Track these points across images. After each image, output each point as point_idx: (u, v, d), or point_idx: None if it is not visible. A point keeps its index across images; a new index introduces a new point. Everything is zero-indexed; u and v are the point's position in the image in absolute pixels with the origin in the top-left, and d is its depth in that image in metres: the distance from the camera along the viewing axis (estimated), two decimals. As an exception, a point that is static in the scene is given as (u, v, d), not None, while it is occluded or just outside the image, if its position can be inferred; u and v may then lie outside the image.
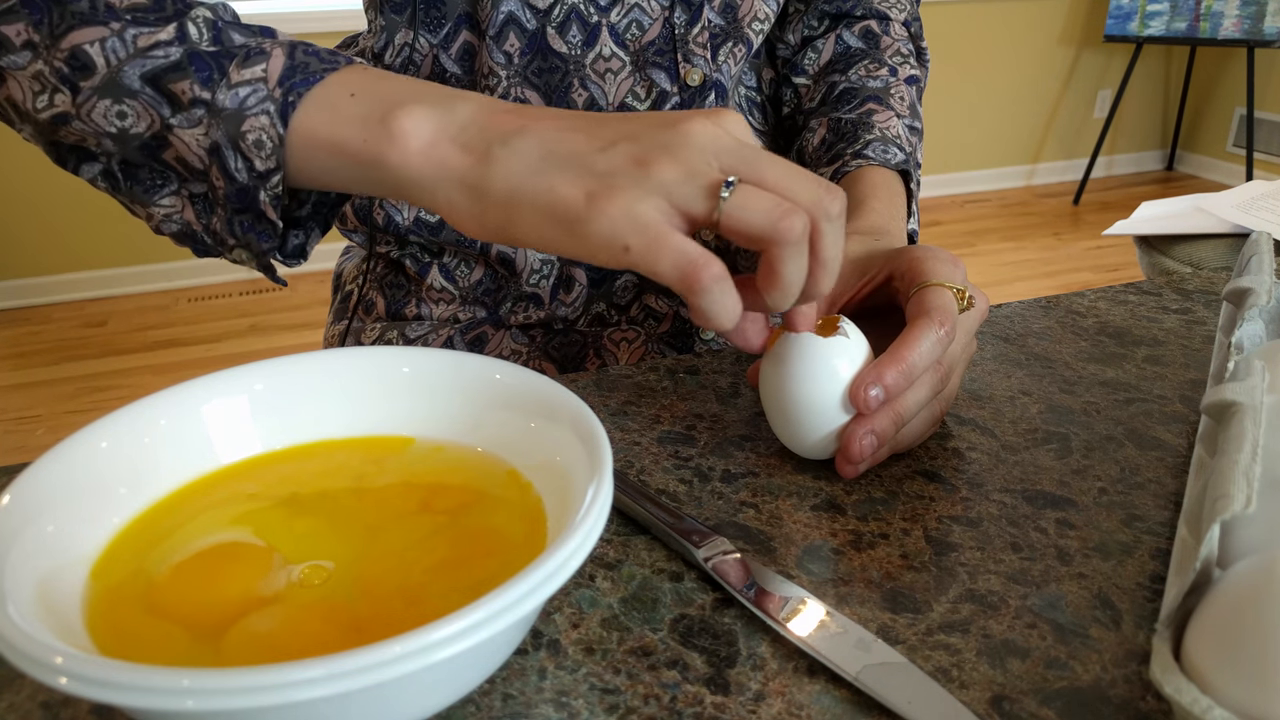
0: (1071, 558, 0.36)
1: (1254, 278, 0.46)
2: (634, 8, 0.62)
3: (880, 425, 0.40)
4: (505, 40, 0.61)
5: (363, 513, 0.34)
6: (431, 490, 0.35)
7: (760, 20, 0.66)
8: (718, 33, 0.64)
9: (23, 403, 2.30)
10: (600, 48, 0.62)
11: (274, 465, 0.37)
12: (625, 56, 0.62)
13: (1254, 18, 3.17)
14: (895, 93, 0.66)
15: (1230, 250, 0.70)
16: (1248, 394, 0.35)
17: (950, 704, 0.29)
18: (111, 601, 0.30)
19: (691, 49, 0.63)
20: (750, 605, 0.33)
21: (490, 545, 0.32)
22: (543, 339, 0.69)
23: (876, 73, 0.67)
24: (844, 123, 0.65)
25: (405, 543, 0.32)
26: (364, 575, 0.31)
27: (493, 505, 0.34)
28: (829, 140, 0.66)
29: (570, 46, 0.62)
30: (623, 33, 0.62)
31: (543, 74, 0.63)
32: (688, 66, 0.63)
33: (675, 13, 0.62)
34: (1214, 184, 3.85)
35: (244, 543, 0.33)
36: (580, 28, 0.61)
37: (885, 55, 0.69)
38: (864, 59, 0.69)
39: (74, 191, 2.84)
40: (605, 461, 0.30)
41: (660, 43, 0.63)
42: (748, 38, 0.65)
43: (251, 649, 0.28)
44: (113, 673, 0.22)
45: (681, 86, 0.63)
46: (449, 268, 0.69)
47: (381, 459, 0.37)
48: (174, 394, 0.36)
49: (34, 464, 0.31)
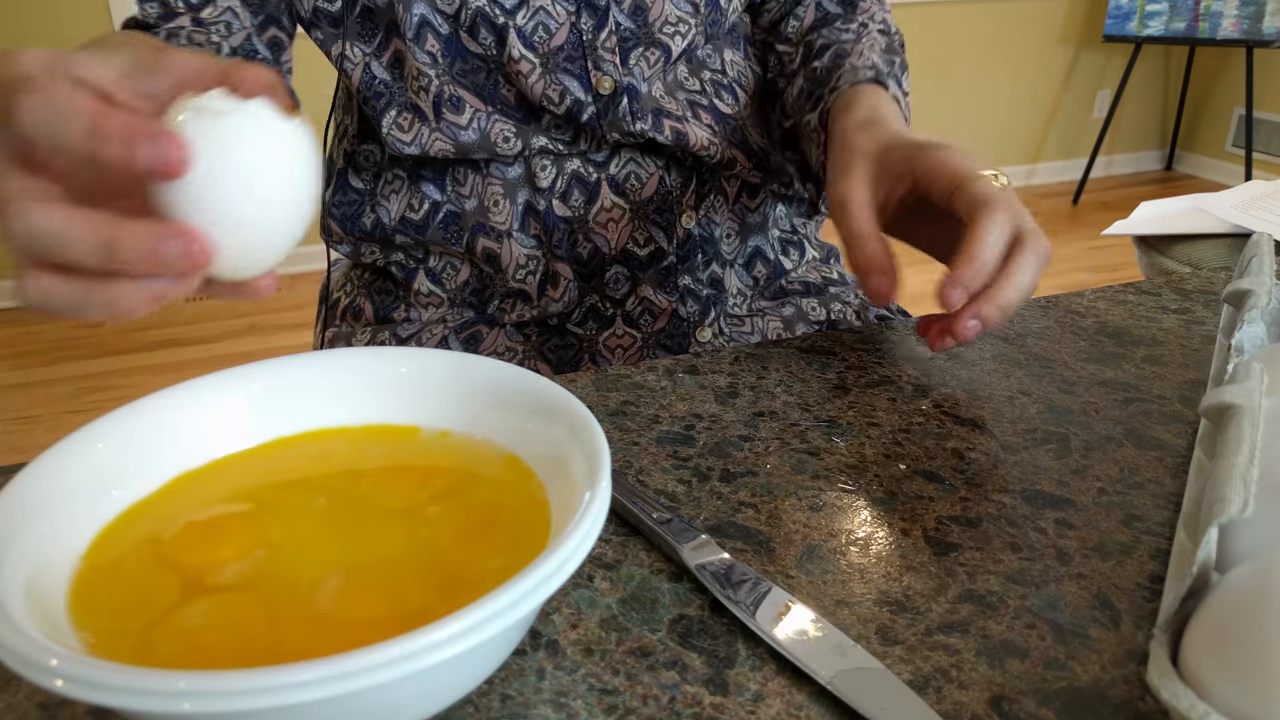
0: (1071, 558, 0.36)
1: (1254, 279, 0.46)
2: (539, 10, 0.62)
3: (986, 312, 0.46)
4: (424, 42, 0.62)
5: (362, 494, 0.34)
6: (430, 471, 0.36)
7: (672, 24, 0.65)
8: (628, 37, 0.64)
9: (21, 403, 2.29)
10: (510, 49, 0.62)
11: (271, 452, 0.37)
12: (535, 59, 0.62)
13: (1253, 18, 3.17)
14: (865, 39, 0.66)
15: (1229, 250, 0.70)
16: (1246, 397, 0.35)
17: (924, 712, 0.29)
18: (94, 574, 0.30)
19: (601, 55, 0.63)
20: (732, 607, 0.33)
21: (495, 519, 0.33)
22: (538, 338, 0.69)
23: (848, 27, 0.68)
24: (818, 70, 0.66)
25: (408, 525, 0.33)
26: (363, 561, 0.31)
27: (494, 486, 0.35)
28: (806, 89, 0.66)
29: (484, 47, 0.62)
30: (530, 35, 0.62)
31: (468, 74, 0.63)
32: (599, 74, 0.63)
33: (582, 17, 0.62)
34: (1213, 184, 3.85)
35: (233, 514, 0.33)
36: (489, 29, 0.61)
37: (859, 16, 0.70)
38: (838, 19, 0.70)
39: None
40: (603, 462, 0.30)
41: (569, 48, 0.63)
42: (661, 42, 0.65)
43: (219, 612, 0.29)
44: (108, 675, 0.22)
45: (595, 95, 0.63)
46: (435, 271, 0.69)
47: (381, 445, 0.37)
48: (172, 394, 0.36)
49: (31, 464, 0.31)
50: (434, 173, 0.67)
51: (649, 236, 0.67)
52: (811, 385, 0.50)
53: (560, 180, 0.66)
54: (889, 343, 0.56)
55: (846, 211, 0.52)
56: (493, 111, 0.64)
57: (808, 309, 0.72)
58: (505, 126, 0.64)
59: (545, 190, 0.65)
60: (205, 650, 0.27)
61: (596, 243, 0.67)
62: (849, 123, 0.57)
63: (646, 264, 0.68)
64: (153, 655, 0.27)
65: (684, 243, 0.68)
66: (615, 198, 0.67)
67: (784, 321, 0.71)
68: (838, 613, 0.34)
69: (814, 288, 0.75)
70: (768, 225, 0.74)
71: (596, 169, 0.66)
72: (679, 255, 0.69)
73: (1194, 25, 3.30)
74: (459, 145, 0.64)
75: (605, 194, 0.66)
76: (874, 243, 0.51)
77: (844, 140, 0.56)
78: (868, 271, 0.51)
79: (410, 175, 0.68)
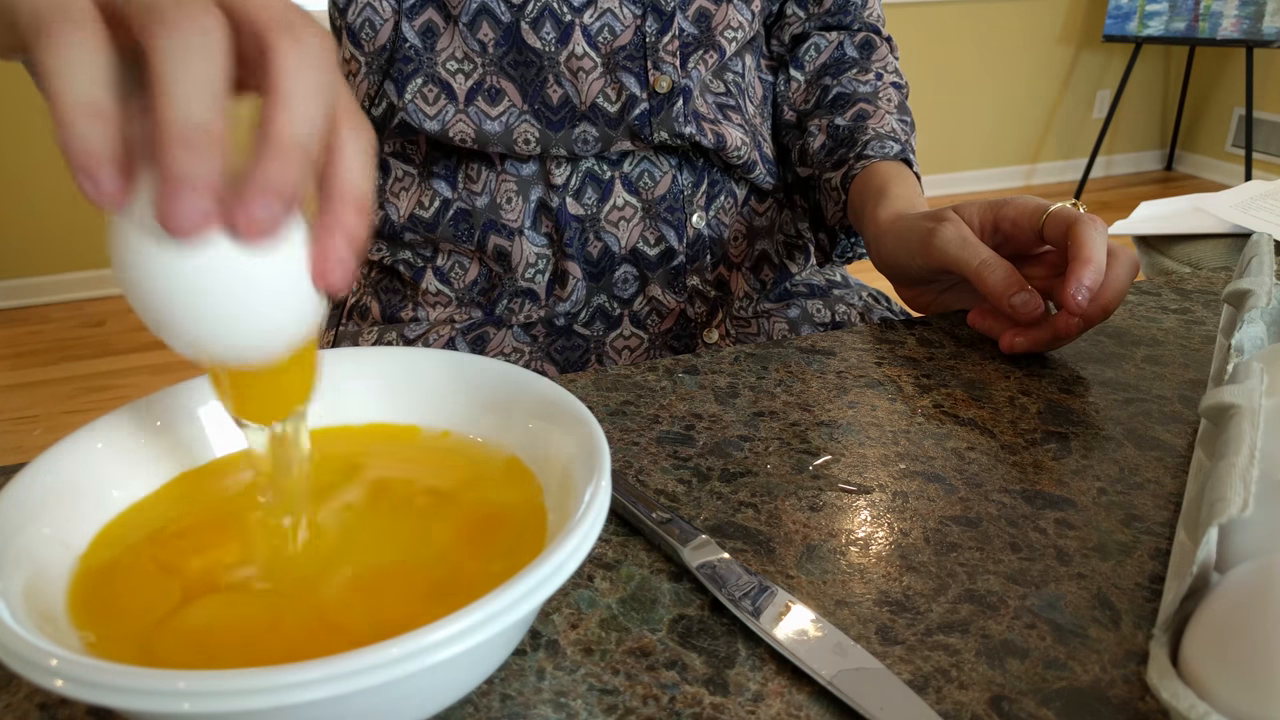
0: (1070, 558, 0.36)
1: (1254, 279, 0.46)
2: (606, 12, 0.63)
3: (1091, 310, 0.49)
4: (479, 29, 0.62)
5: (364, 495, 0.34)
6: (431, 472, 0.36)
7: (734, 28, 0.67)
8: (689, 41, 0.66)
9: (21, 402, 2.29)
10: (573, 46, 0.63)
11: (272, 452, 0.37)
12: (597, 57, 0.63)
13: (1253, 18, 3.17)
14: (883, 94, 0.71)
15: (1229, 250, 0.70)
16: (1246, 397, 0.35)
17: (924, 712, 0.29)
18: (94, 574, 0.30)
19: (661, 56, 0.64)
20: (733, 607, 0.33)
21: (495, 522, 0.33)
22: (545, 339, 0.69)
23: (864, 78, 0.72)
24: (841, 129, 0.70)
25: (408, 522, 0.33)
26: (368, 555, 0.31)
27: (494, 487, 0.35)
28: (829, 145, 0.70)
29: (544, 42, 0.63)
30: (595, 34, 0.63)
31: (518, 66, 0.63)
32: (657, 74, 0.64)
33: (647, 21, 0.64)
34: (1213, 184, 3.85)
35: (234, 514, 0.33)
36: (554, 25, 0.62)
37: (873, 64, 0.73)
38: (853, 67, 0.73)
39: (72, 192, 2.84)
40: (603, 462, 0.30)
41: (631, 48, 0.64)
42: (720, 45, 0.67)
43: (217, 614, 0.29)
44: (108, 675, 0.22)
45: (650, 93, 0.64)
46: (444, 270, 0.69)
47: (382, 444, 0.37)
48: (171, 394, 0.36)
49: (30, 465, 0.31)
50: (445, 169, 0.67)
51: (660, 235, 0.68)
52: (811, 385, 0.50)
53: (574, 178, 0.66)
54: (889, 343, 0.56)
55: (966, 249, 0.53)
56: (526, 111, 0.64)
57: (813, 310, 0.73)
58: (531, 129, 0.64)
59: (559, 188, 0.66)
60: (207, 650, 0.27)
61: (607, 241, 0.67)
62: (894, 208, 0.61)
63: (656, 264, 0.69)
64: (155, 655, 0.27)
65: (694, 242, 0.69)
66: (628, 196, 0.67)
67: (789, 323, 0.71)
68: (838, 613, 0.33)
69: (818, 290, 0.75)
70: (774, 230, 0.75)
71: (610, 167, 0.67)
72: (688, 255, 0.69)
73: (1194, 25, 3.29)
74: (480, 134, 0.64)
75: (618, 192, 0.67)
76: (1001, 267, 0.52)
77: (906, 223, 0.58)
78: (1007, 291, 0.51)
79: (420, 172, 0.68)
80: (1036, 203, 0.53)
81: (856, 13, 0.74)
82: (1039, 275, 0.54)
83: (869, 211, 0.62)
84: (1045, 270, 0.54)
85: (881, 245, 0.60)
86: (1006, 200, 0.55)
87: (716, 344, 0.70)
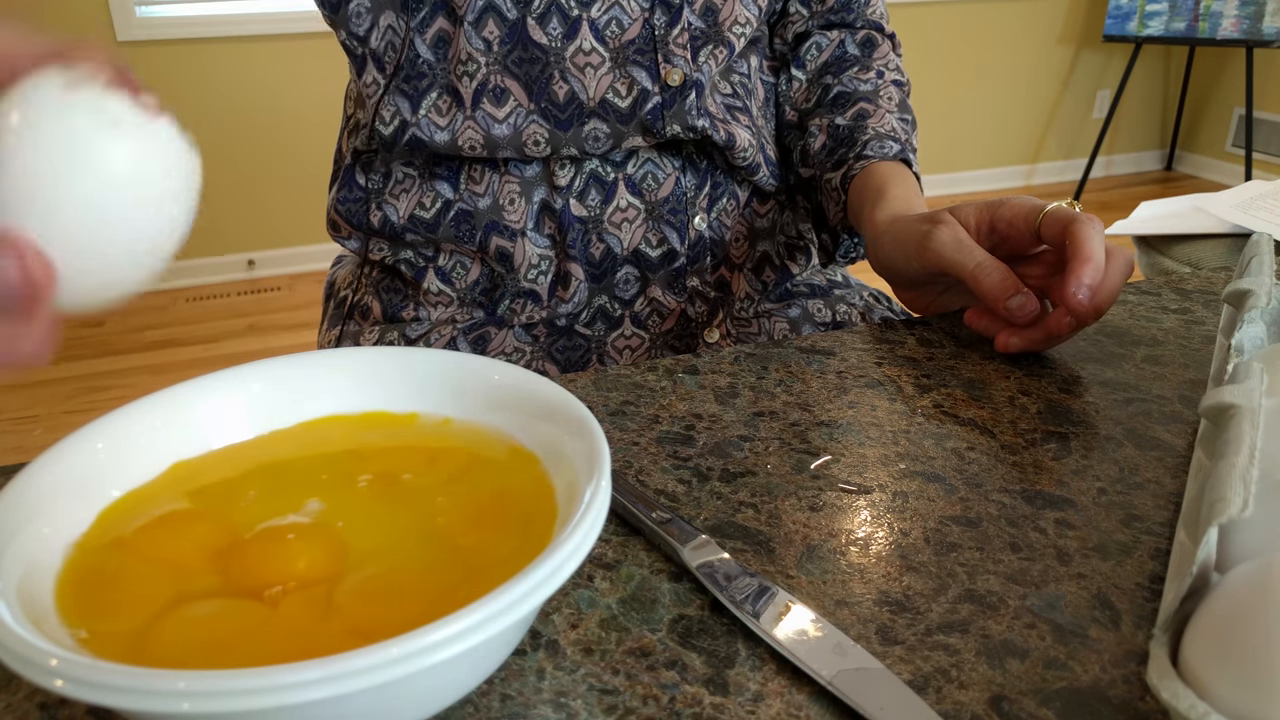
0: (1070, 558, 0.36)
1: (1254, 279, 0.46)
2: (614, 5, 0.63)
3: (1084, 312, 0.48)
4: (484, 27, 0.62)
5: (366, 486, 0.34)
6: (436, 454, 0.36)
7: (741, 24, 0.67)
8: (698, 35, 0.66)
9: (20, 402, 2.29)
10: (580, 41, 0.62)
11: (269, 442, 0.37)
12: (605, 52, 0.63)
13: (1253, 18, 3.17)
14: (884, 93, 0.71)
15: (1229, 250, 0.70)
16: (1246, 397, 0.35)
17: (924, 712, 0.29)
18: (83, 568, 0.30)
19: (671, 49, 0.64)
20: (733, 607, 0.33)
21: (504, 502, 0.33)
22: (546, 339, 0.69)
23: (865, 76, 0.72)
24: (841, 128, 0.69)
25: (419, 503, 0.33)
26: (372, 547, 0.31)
27: (500, 469, 0.35)
28: (829, 145, 0.70)
29: (550, 38, 0.62)
30: (603, 29, 0.63)
31: (523, 64, 0.63)
32: (668, 67, 0.64)
33: (655, 14, 0.63)
34: (1213, 184, 3.85)
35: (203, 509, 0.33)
36: (560, 20, 0.62)
37: (874, 62, 0.73)
38: (854, 66, 0.73)
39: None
40: (603, 462, 0.30)
41: (640, 42, 0.64)
42: (729, 40, 0.67)
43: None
44: (108, 675, 0.22)
45: (663, 86, 0.64)
46: (445, 270, 0.69)
47: (380, 430, 0.38)
48: (171, 394, 0.36)
49: (30, 465, 0.31)
50: (448, 170, 0.67)
51: (662, 237, 0.68)
52: (811, 385, 0.50)
53: (578, 179, 0.66)
54: (889, 343, 0.56)
55: (962, 252, 0.53)
56: (533, 110, 0.64)
57: (813, 310, 0.73)
58: (540, 129, 0.64)
59: (563, 189, 0.66)
60: (204, 646, 0.27)
61: (609, 243, 0.67)
62: (891, 210, 0.61)
63: (658, 265, 0.69)
64: (149, 651, 0.27)
65: (695, 244, 0.69)
66: (631, 197, 0.67)
67: (790, 323, 0.71)
68: (838, 613, 0.33)
69: (819, 289, 0.75)
70: (775, 231, 0.75)
71: (614, 168, 0.67)
72: (690, 256, 0.69)
73: (1194, 25, 3.29)
74: (489, 140, 0.64)
75: (622, 193, 0.67)
76: (996, 269, 0.52)
77: (902, 225, 0.58)
78: (1003, 294, 0.52)
79: (422, 173, 0.67)
80: (1032, 203, 0.53)
81: (859, 10, 0.74)
82: (1036, 275, 0.54)
83: (866, 213, 0.62)
84: (1042, 269, 0.54)
85: (878, 248, 0.60)
86: (1002, 201, 0.55)
87: (717, 344, 0.70)
